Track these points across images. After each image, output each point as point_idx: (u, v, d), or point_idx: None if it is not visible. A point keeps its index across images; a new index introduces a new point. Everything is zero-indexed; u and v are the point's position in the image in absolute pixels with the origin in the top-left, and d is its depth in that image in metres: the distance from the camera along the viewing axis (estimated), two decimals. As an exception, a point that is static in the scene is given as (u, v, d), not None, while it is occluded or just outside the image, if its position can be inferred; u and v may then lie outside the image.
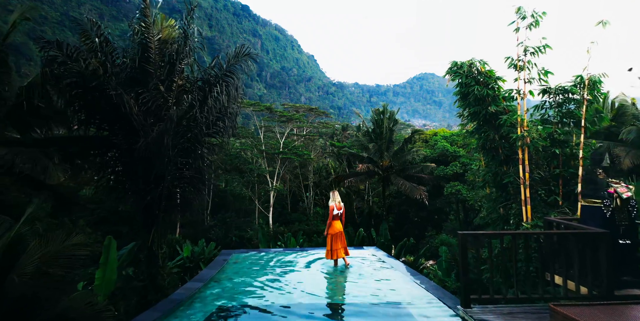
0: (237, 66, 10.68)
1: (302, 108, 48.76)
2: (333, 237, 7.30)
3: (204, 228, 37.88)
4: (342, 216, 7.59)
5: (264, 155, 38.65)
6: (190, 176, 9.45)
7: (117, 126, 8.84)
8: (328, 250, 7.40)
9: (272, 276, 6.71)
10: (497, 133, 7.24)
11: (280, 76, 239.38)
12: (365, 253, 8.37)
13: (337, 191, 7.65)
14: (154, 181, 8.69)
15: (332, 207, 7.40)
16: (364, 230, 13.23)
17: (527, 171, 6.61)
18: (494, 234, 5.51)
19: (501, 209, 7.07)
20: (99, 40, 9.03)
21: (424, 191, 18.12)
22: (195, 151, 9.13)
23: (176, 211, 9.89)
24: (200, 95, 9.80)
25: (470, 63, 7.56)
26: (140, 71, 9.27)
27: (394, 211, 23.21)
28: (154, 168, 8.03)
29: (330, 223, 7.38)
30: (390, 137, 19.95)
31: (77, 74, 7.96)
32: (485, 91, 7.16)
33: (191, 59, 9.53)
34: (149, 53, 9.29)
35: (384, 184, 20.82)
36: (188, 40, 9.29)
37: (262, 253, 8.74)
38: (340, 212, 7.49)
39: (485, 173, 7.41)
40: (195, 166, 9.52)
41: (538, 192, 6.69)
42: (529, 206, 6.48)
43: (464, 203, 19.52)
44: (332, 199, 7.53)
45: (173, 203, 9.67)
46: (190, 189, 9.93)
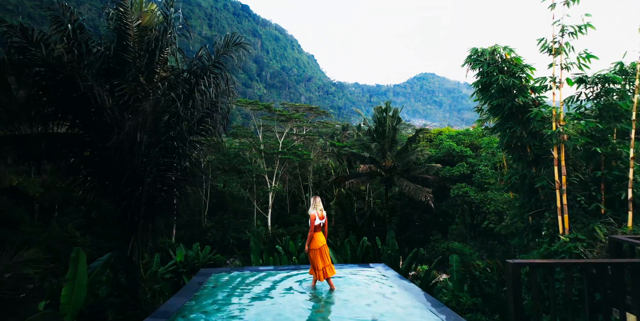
0: (227, 57, 9.73)
1: (302, 107, 47.86)
2: (318, 253, 5.98)
3: (201, 230, 36.92)
4: (325, 226, 6.32)
5: (263, 155, 37.71)
6: (175, 177, 8.45)
7: (90, 122, 7.84)
8: (318, 269, 6.01)
9: (257, 308, 5.20)
10: (525, 129, 6.23)
11: (280, 76, 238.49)
12: (373, 272, 6.78)
13: (318, 197, 6.35)
14: (130, 184, 7.70)
15: (314, 216, 6.09)
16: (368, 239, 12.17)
17: (564, 174, 5.60)
18: (558, 264, 4.07)
19: (530, 217, 6.05)
20: (72, 26, 8.06)
21: (429, 193, 17.12)
22: (180, 150, 8.12)
23: (159, 216, 8.87)
24: (187, 88, 8.85)
25: (493, 50, 6.56)
26: (118, 61, 8.32)
27: (397, 214, 22.21)
28: (127, 169, 7.03)
29: (312, 236, 6.06)
30: (393, 136, 18.95)
31: (41, 62, 6.97)
32: (510, 81, 6.14)
33: (173, 47, 8.51)
34: (127, 41, 8.33)
35: (387, 185, 19.82)
36: (169, 26, 8.27)
37: (249, 273, 7.06)
38: (323, 222, 6.21)
39: (511, 175, 6.37)
40: (181, 167, 8.52)
41: (577, 198, 5.68)
42: (566, 215, 5.47)
43: (471, 205, 18.52)
44: (312, 206, 6.21)
45: (155, 207, 8.66)
46: (176, 193, 8.95)
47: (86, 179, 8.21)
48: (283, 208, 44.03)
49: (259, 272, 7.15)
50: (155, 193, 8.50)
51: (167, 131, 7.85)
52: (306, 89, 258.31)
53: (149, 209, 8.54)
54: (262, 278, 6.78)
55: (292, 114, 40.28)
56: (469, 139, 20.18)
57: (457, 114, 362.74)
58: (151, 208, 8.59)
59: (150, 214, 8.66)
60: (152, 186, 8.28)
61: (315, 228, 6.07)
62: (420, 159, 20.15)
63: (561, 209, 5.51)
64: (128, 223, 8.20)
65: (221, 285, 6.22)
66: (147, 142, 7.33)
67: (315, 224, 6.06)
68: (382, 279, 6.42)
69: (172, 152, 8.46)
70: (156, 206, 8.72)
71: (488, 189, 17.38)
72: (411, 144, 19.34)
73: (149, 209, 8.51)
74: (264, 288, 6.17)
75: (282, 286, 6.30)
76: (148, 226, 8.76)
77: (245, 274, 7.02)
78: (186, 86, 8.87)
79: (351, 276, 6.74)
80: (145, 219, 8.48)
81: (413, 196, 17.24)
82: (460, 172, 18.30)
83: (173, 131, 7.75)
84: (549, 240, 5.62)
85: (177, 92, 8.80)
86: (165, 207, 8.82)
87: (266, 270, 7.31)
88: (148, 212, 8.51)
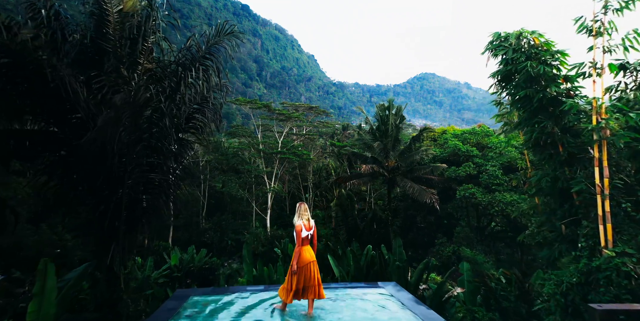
0: (219, 47, 8.96)
1: (302, 107, 47.14)
2: (302, 271, 4.96)
3: (198, 231, 36.14)
4: (314, 238, 5.27)
5: (262, 155, 36.97)
6: (160, 180, 7.65)
7: (64, 118, 7.05)
8: (287, 289, 5.02)
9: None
10: (558, 124, 5.43)
11: (280, 76, 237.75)
12: (381, 297, 5.62)
13: (304, 204, 5.32)
14: (108, 187, 6.91)
15: (300, 227, 5.05)
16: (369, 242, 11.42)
17: (607, 176, 4.80)
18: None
19: (563, 226, 5.25)
20: (47, 13, 7.30)
21: (434, 194, 16.32)
22: (164, 149, 7.32)
23: (144, 222, 8.08)
24: (174, 81, 8.08)
25: (519, 34, 5.74)
26: (96, 51, 7.53)
27: (399, 216, 21.41)
28: (102, 170, 6.24)
29: (299, 252, 5.01)
30: (396, 135, 18.15)
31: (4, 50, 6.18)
32: (541, 68, 5.33)
33: (159, 36, 7.71)
34: (107, 28, 7.55)
35: (390, 186, 19.01)
36: (153, 10, 7.48)
37: (234, 296, 5.82)
38: (311, 233, 5.18)
39: (541, 177, 5.54)
40: (167, 167, 7.72)
41: (621, 205, 4.88)
42: (609, 225, 4.68)
43: (478, 207, 17.72)
44: (297, 215, 5.19)
45: (139, 212, 7.87)
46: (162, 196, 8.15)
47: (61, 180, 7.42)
48: (282, 209, 43.26)
49: (245, 293, 5.98)
50: (139, 196, 7.70)
51: (150, 127, 7.05)
52: (306, 89, 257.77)
53: (132, 214, 7.75)
54: (248, 297, 5.71)
55: (291, 113, 39.53)
56: (475, 138, 19.38)
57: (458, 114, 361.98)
58: (134, 213, 7.80)
59: (134, 219, 7.87)
60: (135, 189, 7.49)
61: (303, 241, 5.05)
62: (425, 159, 19.34)
63: (603, 218, 4.71)
64: (107, 229, 7.41)
65: (199, 310, 5.13)
66: (126, 140, 6.54)
67: (302, 236, 5.03)
68: (394, 303, 5.33)
69: (157, 151, 7.66)
70: (140, 211, 7.93)
71: (496, 191, 16.60)
72: (415, 143, 18.53)
73: (131, 214, 7.72)
74: (247, 316, 5.00)
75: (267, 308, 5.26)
76: (131, 232, 7.96)
77: (229, 298, 5.80)
78: (173, 79, 8.12)
79: (356, 299, 5.66)
80: (127, 225, 7.69)
81: (417, 197, 16.44)
82: (466, 172, 17.50)
83: (156, 127, 6.94)
84: (588, 254, 4.82)
85: (163, 85, 8.05)
86: (150, 211, 8.01)
87: (255, 291, 6.10)
88: (131, 217, 7.73)
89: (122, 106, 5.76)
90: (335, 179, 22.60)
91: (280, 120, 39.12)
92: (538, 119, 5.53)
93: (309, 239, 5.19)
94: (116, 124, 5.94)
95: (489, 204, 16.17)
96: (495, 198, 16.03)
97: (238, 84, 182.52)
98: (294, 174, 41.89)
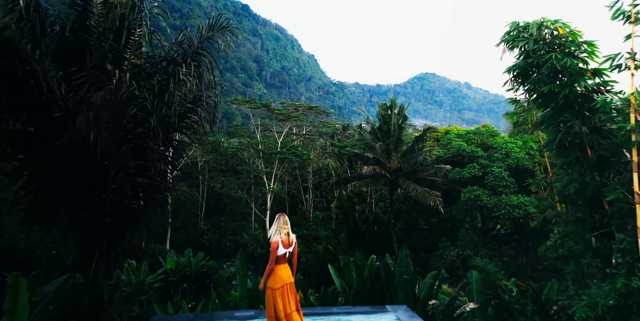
0: (212, 42, 8.43)
1: (302, 107, 46.67)
2: (279, 294, 4.30)
3: (197, 233, 35.61)
4: (294, 256, 4.58)
5: (261, 155, 36.45)
6: (146, 184, 7.09)
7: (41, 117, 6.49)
8: (272, 317, 4.31)
9: None
10: (586, 123, 4.86)
11: (281, 76, 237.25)
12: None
13: (284, 216, 4.70)
14: (90, 192, 6.36)
15: (276, 244, 4.40)
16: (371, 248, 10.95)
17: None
18: None
19: (593, 238, 4.68)
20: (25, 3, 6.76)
21: (438, 196, 15.76)
22: (150, 151, 6.76)
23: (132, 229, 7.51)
24: (164, 78, 7.55)
25: (541, 23, 5.17)
26: (78, 44, 6.98)
27: (402, 218, 20.85)
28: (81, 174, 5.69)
29: (272, 270, 4.36)
30: (399, 135, 17.58)
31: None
32: (568, 61, 4.76)
33: (145, 28, 7.16)
34: (90, 20, 7.01)
35: (392, 188, 18.45)
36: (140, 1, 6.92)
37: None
38: (290, 251, 4.47)
39: (566, 182, 4.95)
40: (155, 170, 7.16)
41: (664, 216, 4.34)
42: (650, 239, 4.14)
43: (482, 209, 17.17)
44: (275, 229, 4.52)
45: (125, 218, 7.31)
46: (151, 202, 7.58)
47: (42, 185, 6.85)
48: (282, 209, 42.77)
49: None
50: (125, 202, 7.14)
51: (136, 128, 6.49)
52: (306, 89, 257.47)
53: (118, 221, 7.19)
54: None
55: (291, 113, 39.00)
56: (480, 139, 18.83)
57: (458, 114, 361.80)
58: (120, 220, 7.24)
59: (120, 226, 7.31)
60: (120, 194, 6.92)
61: (278, 259, 4.35)
62: (428, 160, 18.79)
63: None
64: (90, 237, 6.86)
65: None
66: (108, 141, 5.98)
67: (278, 254, 4.33)
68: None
69: (145, 153, 7.10)
70: (127, 217, 7.37)
71: (502, 193, 16.05)
72: (418, 143, 17.97)
73: (117, 221, 7.16)
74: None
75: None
76: (117, 240, 7.40)
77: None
78: (164, 76, 7.59)
79: None
80: (112, 233, 7.13)
81: (421, 200, 15.89)
82: (471, 174, 16.95)
83: (142, 127, 6.38)
84: (625, 272, 4.25)
85: (152, 82, 7.52)
86: (138, 218, 7.45)
87: (244, 318, 5.32)
88: (116, 224, 7.17)
89: (103, 105, 5.20)
90: (336, 181, 22.07)
91: (280, 120, 38.61)
92: (564, 118, 4.96)
93: (287, 258, 4.46)
94: (96, 124, 5.38)
95: (495, 206, 15.62)
96: (501, 201, 15.49)
97: (238, 84, 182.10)
98: (293, 175, 41.37)
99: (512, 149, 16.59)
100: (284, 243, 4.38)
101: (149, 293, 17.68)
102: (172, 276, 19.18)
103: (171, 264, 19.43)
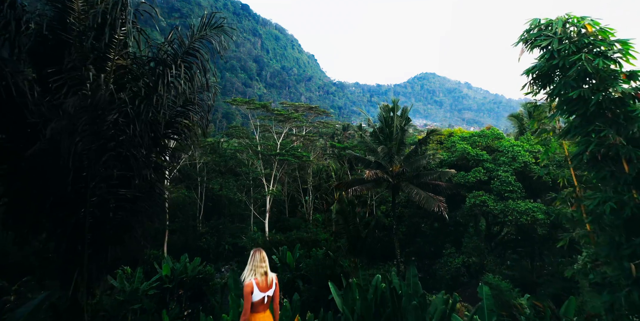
0: (205, 42, 7.90)
1: (302, 107, 46.12)
2: None
3: (195, 236, 35.04)
4: (275, 301, 3.84)
5: (260, 157, 35.90)
6: (132, 196, 6.53)
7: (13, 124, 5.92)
8: None
9: None
10: (622, 133, 4.29)
11: (280, 76, 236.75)
12: None
13: (261, 251, 3.82)
14: (67, 206, 5.80)
15: (250, 286, 3.60)
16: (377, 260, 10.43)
17: (701, 205, 3.69)
18: None
19: (633, 266, 4.09)
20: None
21: (442, 202, 15.19)
22: (136, 159, 6.20)
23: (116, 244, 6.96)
24: (152, 80, 7.00)
25: (566, 20, 4.61)
26: (56, 43, 6.43)
27: (404, 222, 20.28)
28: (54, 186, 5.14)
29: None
30: (401, 138, 17.01)
31: None
32: (600, 62, 4.19)
33: (132, 25, 6.60)
34: (71, 17, 6.46)
35: (394, 192, 17.88)
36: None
37: None
38: (270, 294, 3.71)
39: (599, 201, 4.37)
40: (140, 180, 6.59)
41: None
42: None
43: (488, 214, 16.60)
44: (250, 269, 3.70)
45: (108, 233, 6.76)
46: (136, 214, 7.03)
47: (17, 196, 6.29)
48: (282, 212, 42.21)
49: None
50: (108, 215, 6.58)
51: (117, 135, 5.92)
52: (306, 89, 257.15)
53: (100, 235, 6.63)
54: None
55: (290, 113, 38.43)
56: (485, 141, 18.25)
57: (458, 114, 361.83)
58: (102, 234, 6.68)
59: (103, 241, 6.75)
60: (102, 206, 6.36)
61: (255, 306, 3.55)
62: (431, 164, 18.22)
63: (695, 260, 3.61)
64: (69, 254, 6.30)
65: None
66: (86, 151, 5.42)
67: (253, 300, 3.55)
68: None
69: (129, 162, 6.53)
70: (110, 231, 6.81)
71: (509, 199, 15.49)
72: (421, 147, 17.40)
73: (99, 236, 6.60)
74: None
75: None
76: (100, 255, 6.84)
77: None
78: (152, 78, 7.03)
79: None
80: (94, 248, 6.57)
81: (424, 205, 15.31)
82: (476, 178, 16.37)
83: (124, 135, 5.82)
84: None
85: (139, 84, 6.96)
86: (122, 231, 6.89)
87: None
88: (98, 239, 6.61)
89: (77, 111, 4.64)
90: (336, 185, 21.49)
91: (280, 121, 38.02)
92: (596, 127, 4.39)
93: (267, 304, 3.67)
94: (70, 132, 4.82)
95: (502, 212, 15.05)
96: (508, 206, 14.91)
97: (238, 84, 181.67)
98: (293, 176, 40.80)
99: (518, 152, 16.02)
100: (260, 286, 3.61)
101: (144, 301, 17.12)
102: (168, 282, 18.63)
103: (167, 271, 18.87)
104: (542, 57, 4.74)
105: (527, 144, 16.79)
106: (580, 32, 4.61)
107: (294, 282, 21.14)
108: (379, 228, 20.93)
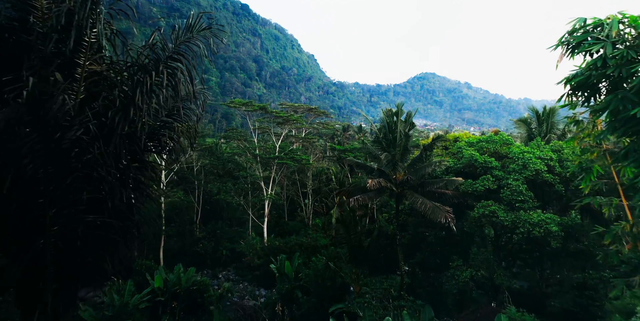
0: (192, 45, 7.07)
1: (301, 108, 45.22)
2: None
3: (192, 240, 34.11)
4: None
5: (258, 160, 35.01)
6: (102, 221, 5.67)
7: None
8: None
9: None
10: None
11: (280, 76, 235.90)
12: None
13: None
14: (21, 236, 4.96)
15: None
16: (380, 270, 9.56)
17: None
18: None
19: None
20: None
21: (450, 212, 14.34)
22: (106, 181, 5.34)
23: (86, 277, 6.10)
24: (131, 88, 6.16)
25: (619, 21, 3.78)
26: (15, 46, 5.58)
27: (408, 231, 19.42)
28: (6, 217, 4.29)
29: None
30: (405, 144, 16.17)
31: None
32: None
33: (101, 26, 5.74)
34: (31, 17, 5.62)
35: (397, 201, 17.04)
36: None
37: None
38: None
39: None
40: (112, 204, 5.72)
41: None
42: None
43: (497, 225, 15.73)
44: None
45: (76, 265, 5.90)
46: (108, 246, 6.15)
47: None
48: (280, 215, 41.34)
49: None
50: (75, 244, 5.71)
51: (82, 154, 5.06)
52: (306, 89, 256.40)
53: (66, 267, 5.77)
54: None
55: (289, 115, 37.54)
56: (493, 147, 17.39)
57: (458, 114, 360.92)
58: (70, 265, 5.81)
59: (70, 272, 5.89)
60: (66, 236, 5.49)
61: None
62: (437, 171, 17.36)
63: None
64: (28, 292, 5.44)
65: None
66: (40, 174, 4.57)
67: None
68: None
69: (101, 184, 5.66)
70: (78, 262, 5.94)
71: (520, 209, 14.64)
72: (426, 153, 16.55)
73: (65, 268, 5.74)
74: None
75: None
76: (67, 291, 5.97)
77: None
78: (131, 85, 6.19)
79: None
80: (59, 284, 5.70)
81: (430, 216, 14.46)
82: (484, 187, 15.50)
83: (88, 154, 4.96)
84: None
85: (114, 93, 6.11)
86: (92, 263, 6.03)
87: None
88: (64, 271, 5.75)
89: (7, 126, 3.78)
90: (337, 192, 20.68)
91: (278, 122, 37.13)
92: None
93: None
94: (14, 153, 3.96)
95: (512, 224, 14.19)
96: (519, 218, 14.05)
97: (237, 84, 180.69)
98: (292, 179, 39.92)
99: (529, 159, 15.15)
100: None
101: (134, 315, 16.25)
102: (160, 295, 17.79)
103: (159, 283, 18.02)
104: (590, 64, 3.90)
105: (537, 151, 15.93)
106: (634, 35, 3.77)
107: (293, 293, 20.30)
108: (381, 236, 20.06)
